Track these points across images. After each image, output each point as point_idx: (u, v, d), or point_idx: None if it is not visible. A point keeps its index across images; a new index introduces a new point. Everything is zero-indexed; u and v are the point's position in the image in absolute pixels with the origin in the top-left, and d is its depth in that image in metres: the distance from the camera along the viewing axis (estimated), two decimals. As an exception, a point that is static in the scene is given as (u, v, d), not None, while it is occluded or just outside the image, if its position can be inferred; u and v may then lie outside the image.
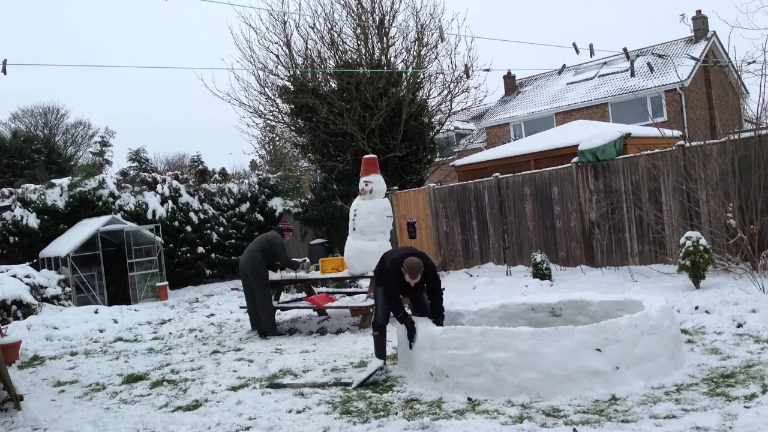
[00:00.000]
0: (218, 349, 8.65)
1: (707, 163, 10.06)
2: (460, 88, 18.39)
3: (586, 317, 6.50)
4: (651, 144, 12.58)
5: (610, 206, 11.68)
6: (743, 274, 8.88)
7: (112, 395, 6.73)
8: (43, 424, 5.80)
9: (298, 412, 5.42)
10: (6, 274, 12.90)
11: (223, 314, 12.11)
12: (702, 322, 7.11)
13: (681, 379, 5.25)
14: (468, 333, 5.51)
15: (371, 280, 9.31)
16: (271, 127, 21.61)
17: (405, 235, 15.55)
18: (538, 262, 11.39)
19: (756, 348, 5.91)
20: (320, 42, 17.95)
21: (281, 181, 22.35)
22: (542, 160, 14.25)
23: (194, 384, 6.79)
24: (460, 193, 14.44)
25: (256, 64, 18.24)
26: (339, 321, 9.77)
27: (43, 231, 16.35)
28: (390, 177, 16.13)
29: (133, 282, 15.80)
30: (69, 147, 40.48)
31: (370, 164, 9.74)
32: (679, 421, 4.34)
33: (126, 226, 16.11)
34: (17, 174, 26.55)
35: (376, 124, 16.82)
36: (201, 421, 5.44)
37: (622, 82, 27.57)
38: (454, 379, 5.46)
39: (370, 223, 9.39)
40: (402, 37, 17.95)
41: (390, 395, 5.69)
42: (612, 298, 6.56)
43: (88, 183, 17.67)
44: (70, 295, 14.40)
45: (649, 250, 11.17)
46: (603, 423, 4.47)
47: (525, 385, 5.15)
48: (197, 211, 19.14)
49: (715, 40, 27.88)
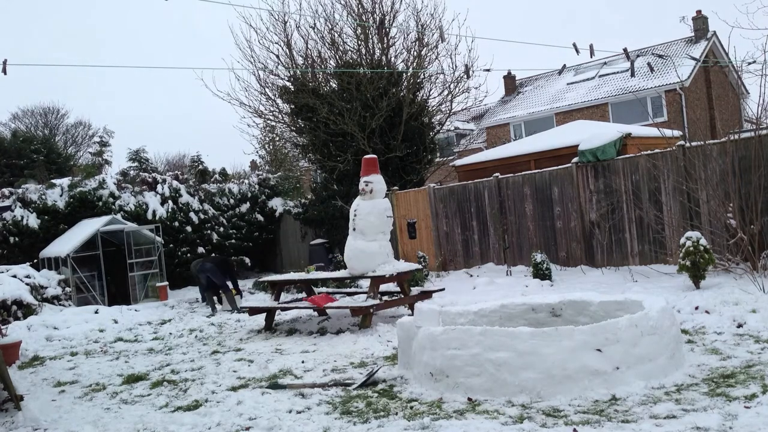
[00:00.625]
0: (218, 350, 8.65)
1: (707, 163, 10.06)
2: (461, 88, 18.40)
3: (587, 317, 6.50)
4: (651, 144, 12.58)
5: (610, 206, 11.68)
6: (743, 274, 8.88)
7: (113, 395, 6.73)
8: (44, 425, 5.80)
9: (299, 413, 5.41)
10: (6, 274, 12.91)
11: (223, 314, 12.10)
12: (702, 322, 7.11)
13: (681, 379, 5.25)
14: (468, 333, 5.50)
15: (372, 281, 9.33)
16: (271, 127, 21.60)
17: (405, 235, 15.55)
18: (539, 262, 11.39)
19: (756, 348, 5.91)
20: (320, 42, 17.96)
21: (281, 181, 22.35)
22: (542, 160, 14.24)
23: (194, 384, 6.79)
24: (460, 193, 14.45)
25: (257, 64, 18.26)
26: (339, 321, 9.77)
27: (43, 231, 16.36)
28: (390, 177, 16.13)
29: (134, 282, 15.80)
30: (69, 147, 40.51)
31: (371, 164, 9.74)
32: (680, 422, 4.34)
33: (126, 226, 16.12)
34: (17, 174, 26.55)
35: (377, 124, 16.82)
36: (201, 422, 5.43)
37: (623, 82, 27.57)
38: (454, 379, 5.46)
39: (371, 223, 9.39)
40: (402, 37, 17.97)
41: (390, 395, 5.69)
42: (612, 299, 6.56)
43: (88, 183, 17.68)
44: (71, 296, 14.41)
45: (650, 250, 11.17)
46: (603, 423, 4.47)
47: (525, 386, 5.15)
48: (197, 211, 19.14)
49: (715, 40, 27.89)
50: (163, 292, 15.72)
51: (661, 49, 28.24)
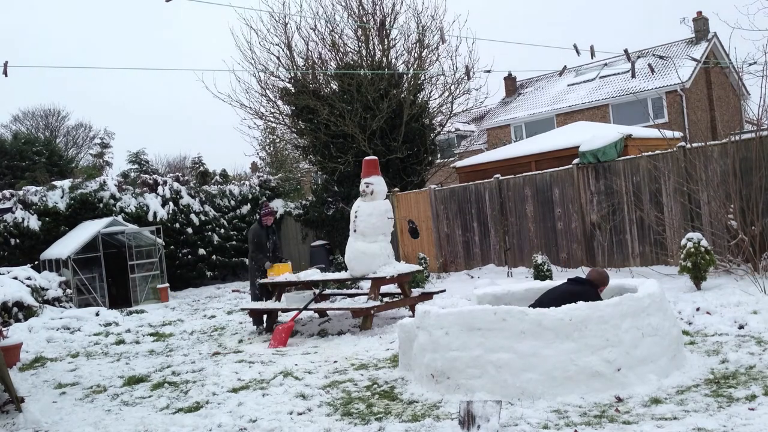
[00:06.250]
0: (219, 351, 8.64)
1: (708, 164, 10.06)
2: (461, 89, 18.40)
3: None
4: (652, 145, 12.57)
5: (611, 207, 11.67)
6: (744, 275, 8.88)
7: (113, 397, 6.73)
8: (45, 426, 5.80)
9: (300, 414, 5.42)
10: (7, 276, 12.91)
11: (224, 316, 12.11)
12: (703, 324, 7.10)
13: (682, 380, 5.24)
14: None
15: (373, 282, 9.33)
16: (271, 128, 21.61)
17: (406, 236, 15.55)
18: (540, 263, 11.38)
19: (757, 349, 5.90)
20: (321, 44, 17.96)
21: (282, 182, 22.36)
22: (543, 162, 14.24)
23: (195, 386, 6.79)
24: (461, 194, 14.45)
25: (257, 66, 18.25)
26: (340, 323, 9.77)
27: (44, 233, 16.37)
28: (391, 178, 16.13)
29: (134, 284, 15.80)
30: (70, 149, 40.55)
31: (371, 166, 9.75)
32: (681, 423, 4.34)
33: (127, 227, 16.13)
34: (18, 176, 26.57)
35: (377, 125, 16.82)
36: (202, 423, 5.44)
37: (623, 83, 27.57)
38: (455, 380, 5.46)
39: (371, 224, 9.39)
40: (403, 38, 17.98)
41: (391, 397, 5.68)
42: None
43: (89, 185, 17.69)
44: (71, 297, 14.41)
45: (650, 251, 11.16)
46: (605, 424, 4.46)
47: (526, 387, 5.15)
48: (198, 212, 19.15)
49: (715, 41, 27.89)
50: (164, 294, 15.72)
51: (662, 50, 28.25)
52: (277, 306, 9.80)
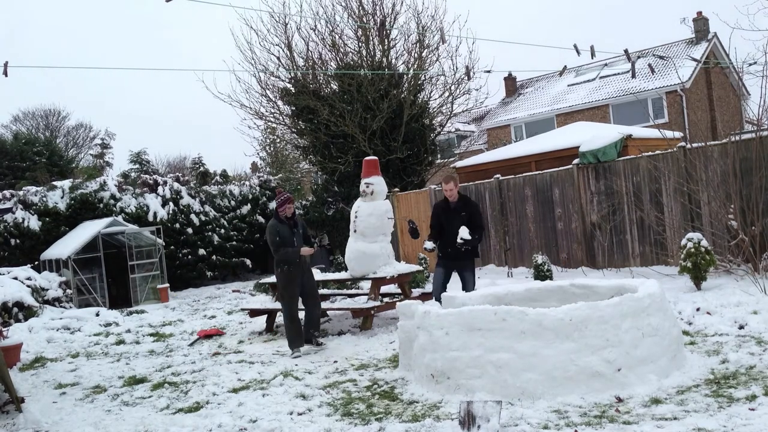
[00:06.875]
0: (219, 351, 8.64)
1: (708, 164, 10.05)
2: (461, 89, 18.42)
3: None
4: (652, 145, 12.57)
5: (611, 207, 11.67)
6: (745, 275, 8.88)
7: (114, 397, 6.73)
8: (45, 427, 5.80)
9: (300, 414, 5.42)
10: (7, 276, 12.91)
11: (224, 316, 12.10)
12: (703, 324, 7.10)
13: (682, 380, 5.24)
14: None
15: (373, 282, 9.32)
16: (272, 128, 21.64)
17: (406, 236, 15.54)
18: (540, 263, 11.37)
19: (758, 349, 5.90)
20: (321, 44, 17.99)
21: (282, 182, 22.36)
22: (543, 162, 14.24)
23: (195, 386, 6.79)
24: (461, 194, 14.42)
25: (257, 66, 18.28)
26: (340, 323, 9.78)
27: (44, 233, 16.36)
28: (391, 179, 16.13)
29: (134, 284, 15.80)
30: (70, 149, 40.53)
31: (371, 166, 9.74)
32: (681, 423, 4.34)
33: (127, 228, 16.13)
34: (18, 176, 26.57)
35: (377, 125, 16.83)
36: (202, 423, 5.44)
37: (623, 83, 27.57)
38: (455, 380, 5.46)
39: (371, 224, 9.38)
40: (403, 38, 17.99)
41: (391, 397, 5.68)
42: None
43: (89, 185, 17.68)
44: (72, 297, 14.41)
45: (651, 251, 11.16)
46: (605, 425, 4.46)
47: (526, 387, 5.15)
48: (198, 213, 19.15)
49: (716, 41, 27.88)
50: (164, 294, 15.72)
51: (662, 51, 28.25)
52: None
